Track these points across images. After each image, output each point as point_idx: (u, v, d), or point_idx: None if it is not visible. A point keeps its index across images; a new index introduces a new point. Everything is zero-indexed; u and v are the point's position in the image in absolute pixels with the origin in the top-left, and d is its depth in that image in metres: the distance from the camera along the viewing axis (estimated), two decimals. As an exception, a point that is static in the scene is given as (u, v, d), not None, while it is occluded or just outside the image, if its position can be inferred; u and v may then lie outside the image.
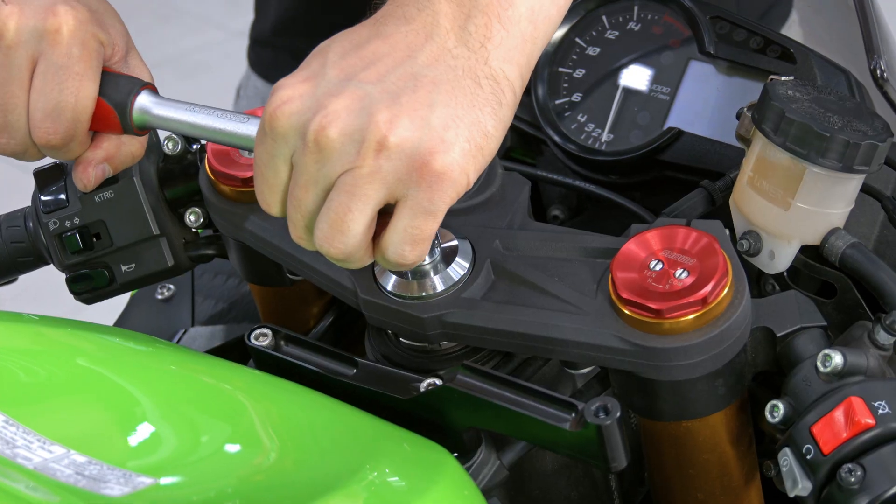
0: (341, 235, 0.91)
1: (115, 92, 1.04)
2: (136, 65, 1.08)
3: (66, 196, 1.11)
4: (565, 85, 1.25)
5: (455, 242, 1.01)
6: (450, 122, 0.90)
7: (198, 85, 3.64)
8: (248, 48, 1.80)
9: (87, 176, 1.06)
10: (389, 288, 1.00)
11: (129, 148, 1.08)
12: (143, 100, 1.04)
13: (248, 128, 0.99)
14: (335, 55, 0.92)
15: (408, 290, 1.00)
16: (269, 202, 0.94)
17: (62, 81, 1.02)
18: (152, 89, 1.05)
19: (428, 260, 0.99)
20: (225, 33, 3.88)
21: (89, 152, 1.06)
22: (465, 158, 0.90)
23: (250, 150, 0.99)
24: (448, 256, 1.00)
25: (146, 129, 1.05)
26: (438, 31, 0.92)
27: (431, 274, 0.99)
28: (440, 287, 0.99)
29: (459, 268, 1.00)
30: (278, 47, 1.72)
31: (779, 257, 1.04)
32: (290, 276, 1.13)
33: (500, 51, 0.93)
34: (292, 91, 0.91)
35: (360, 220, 0.91)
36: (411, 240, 0.91)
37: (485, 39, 0.92)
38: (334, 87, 0.90)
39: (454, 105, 0.90)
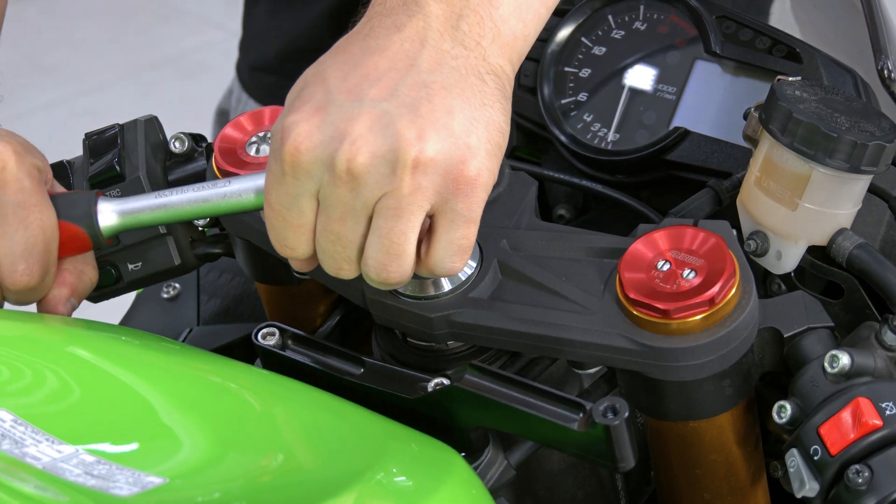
0: (398, 259, 0.91)
1: (75, 209, 1.02)
2: (57, 183, 1.06)
3: (72, 195, 1.11)
4: (571, 84, 1.25)
5: None
6: (470, 125, 0.90)
7: (198, 85, 3.64)
8: (246, 74, 1.76)
9: (59, 314, 1.04)
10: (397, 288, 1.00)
11: (87, 275, 1.06)
12: (106, 207, 1.01)
13: (242, 185, 0.97)
14: (336, 79, 0.91)
15: (415, 289, 1.00)
16: (296, 244, 0.92)
17: (24, 218, 0.99)
18: (103, 195, 1.03)
19: None
20: (225, 33, 3.87)
21: (55, 290, 1.04)
22: (490, 159, 0.90)
23: (256, 208, 0.97)
24: None
25: (115, 235, 1.02)
26: (432, 34, 0.92)
27: None
28: (447, 287, 0.99)
29: (467, 267, 1.00)
30: (283, 73, 1.71)
31: (786, 258, 1.04)
32: (297, 275, 1.13)
33: (494, 47, 0.93)
34: (308, 125, 0.89)
35: (412, 241, 0.91)
36: (458, 250, 0.92)
37: (479, 37, 0.92)
38: (349, 111, 0.89)
39: (469, 107, 0.90)
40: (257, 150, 1.07)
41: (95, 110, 3.60)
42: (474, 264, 1.00)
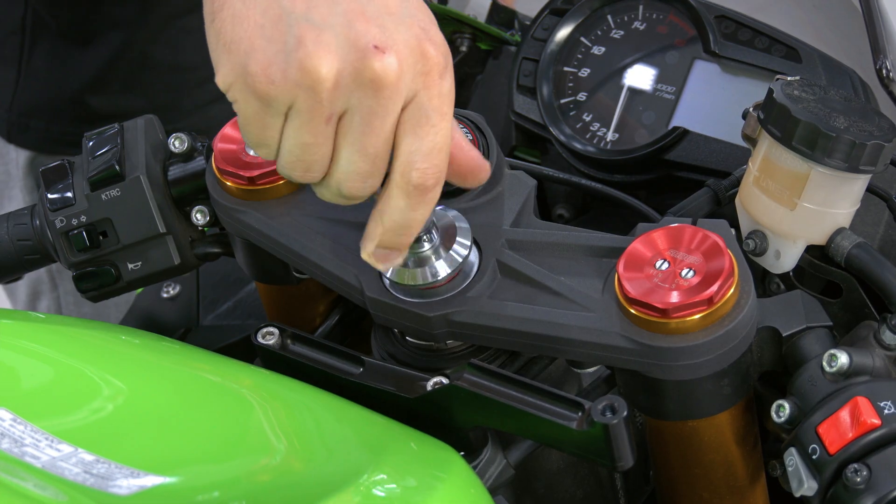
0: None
1: None
2: None
3: (73, 194, 1.11)
4: (570, 84, 1.25)
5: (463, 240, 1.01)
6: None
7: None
8: (13, 120, 1.72)
9: None
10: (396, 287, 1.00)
11: None
12: None
13: None
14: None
15: (413, 279, 1.00)
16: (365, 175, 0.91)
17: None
18: None
19: (427, 246, 0.99)
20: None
21: None
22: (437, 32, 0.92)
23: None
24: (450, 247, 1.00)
25: None
26: None
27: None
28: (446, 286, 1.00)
29: (467, 267, 1.00)
30: (59, 117, 1.69)
31: (784, 257, 1.04)
32: (297, 275, 1.13)
33: None
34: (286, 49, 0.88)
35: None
36: (430, 152, 0.92)
37: None
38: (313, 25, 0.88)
39: None
40: (257, 150, 1.07)
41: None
42: (473, 264, 1.00)
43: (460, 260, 0.99)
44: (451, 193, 1.02)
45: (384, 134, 0.90)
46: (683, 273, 0.94)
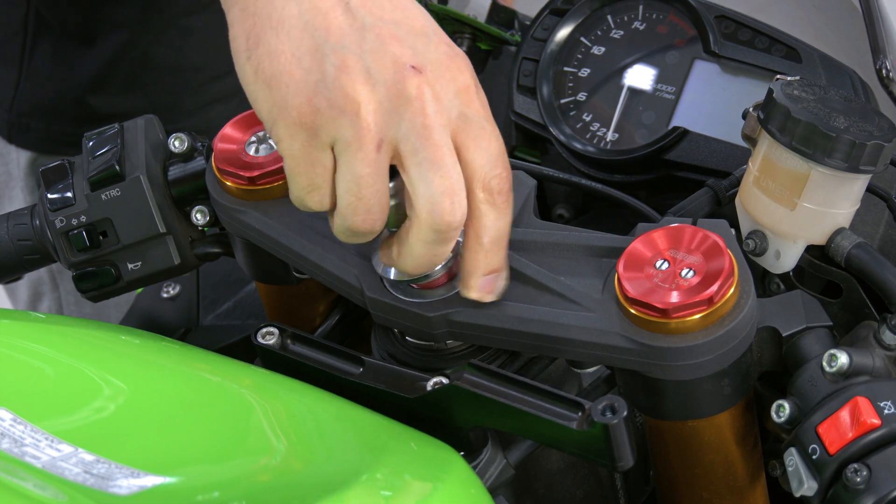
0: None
1: None
2: None
3: (73, 194, 1.11)
4: (570, 84, 1.25)
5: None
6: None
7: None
8: (13, 121, 1.71)
9: None
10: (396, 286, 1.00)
11: None
12: None
13: None
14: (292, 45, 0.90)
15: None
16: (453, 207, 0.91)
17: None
18: None
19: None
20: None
21: None
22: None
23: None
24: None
25: None
26: None
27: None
28: (446, 286, 1.00)
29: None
30: (61, 118, 1.69)
31: (784, 257, 1.04)
32: (297, 275, 1.13)
33: None
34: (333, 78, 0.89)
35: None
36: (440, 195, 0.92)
37: None
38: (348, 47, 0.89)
39: None
40: (256, 150, 1.07)
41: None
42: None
43: (452, 255, 0.99)
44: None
45: (447, 146, 0.90)
46: (683, 273, 0.94)
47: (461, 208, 0.91)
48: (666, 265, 0.95)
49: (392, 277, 0.98)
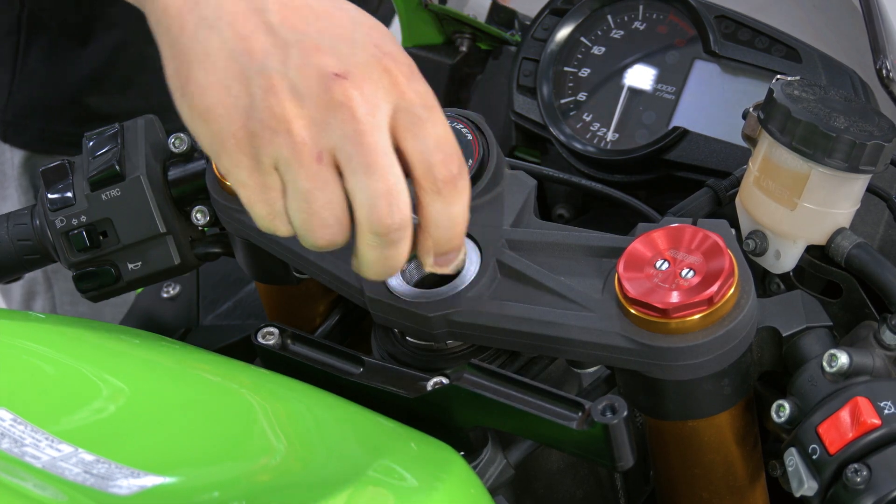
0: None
1: None
2: None
3: (73, 194, 1.11)
4: (570, 84, 1.25)
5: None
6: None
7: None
8: (8, 121, 1.71)
9: None
10: (395, 286, 1.00)
11: None
12: None
13: None
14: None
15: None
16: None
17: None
18: None
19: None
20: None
21: None
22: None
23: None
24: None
25: None
26: None
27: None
28: (446, 286, 1.00)
29: (467, 267, 1.00)
30: (58, 118, 1.69)
31: (784, 257, 1.04)
32: (297, 275, 1.13)
33: None
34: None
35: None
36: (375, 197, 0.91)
37: None
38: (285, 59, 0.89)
39: None
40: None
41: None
42: (473, 264, 1.00)
43: (468, 280, 0.99)
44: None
45: (381, 147, 0.89)
46: (683, 273, 0.94)
47: (400, 209, 0.90)
48: (666, 265, 0.95)
49: (394, 284, 0.99)
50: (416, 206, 0.91)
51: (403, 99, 0.90)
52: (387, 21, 1.84)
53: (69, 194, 1.11)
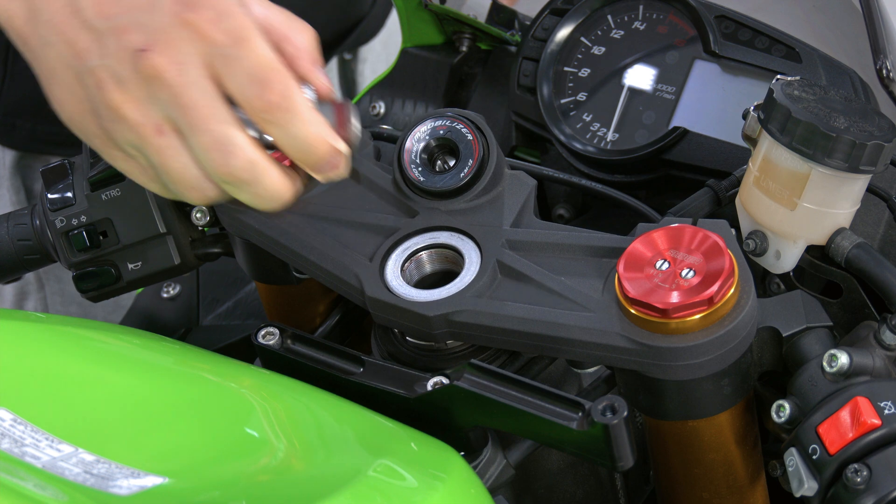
0: None
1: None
2: None
3: (73, 194, 1.11)
4: (570, 84, 1.25)
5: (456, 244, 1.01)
6: None
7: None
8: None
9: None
10: (395, 286, 1.00)
11: None
12: None
13: None
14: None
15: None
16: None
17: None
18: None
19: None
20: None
21: None
22: None
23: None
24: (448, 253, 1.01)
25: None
26: None
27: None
28: (447, 286, 1.00)
29: (467, 268, 1.00)
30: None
31: (784, 257, 1.04)
32: (297, 275, 1.13)
33: None
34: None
35: None
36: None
37: None
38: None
39: None
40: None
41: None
42: (473, 264, 1.00)
43: (469, 280, 1.00)
44: (449, 194, 1.03)
45: (203, 101, 0.93)
46: (683, 273, 0.94)
47: (235, 153, 0.94)
48: (666, 265, 0.95)
49: None
50: None
51: (211, 45, 0.93)
52: (380, 20, 1.83)
53: (69, 194, 1.11)
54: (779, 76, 1.03)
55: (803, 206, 1.01)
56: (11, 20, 0.97)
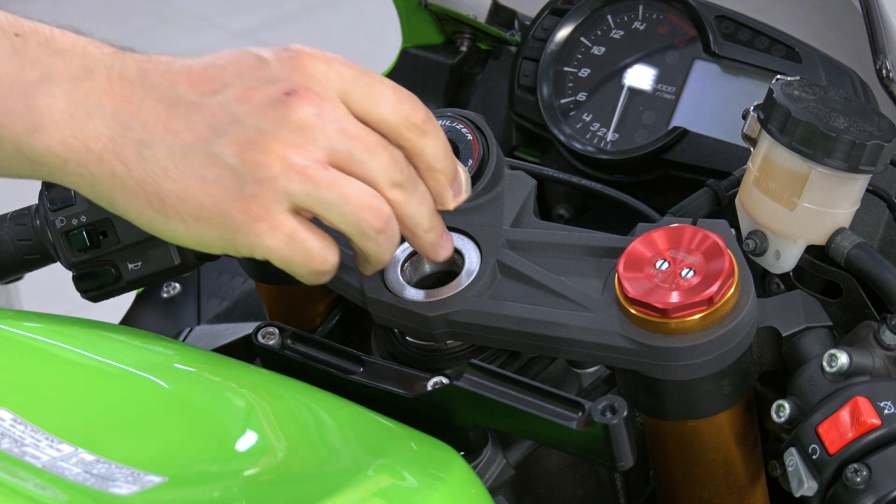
0: None
1: None
2: None
3: (73, 194, 1.11)
4: (570, 84, 1.25)
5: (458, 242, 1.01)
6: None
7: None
8: None
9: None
10: (395, 286, 1.00)
11: None
12: None
13: None
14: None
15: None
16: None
17: None
18: None
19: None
20: (225, 33, 3.87)
21: None
22: None
23: None
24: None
25: None
26: None
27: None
28: (446, 286, 1.00)
29: (466, 269, 1.00)
30: None
31: (784, 257, 1.04)
32: (297, 275, 1.13)
33: None
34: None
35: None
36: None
37: None
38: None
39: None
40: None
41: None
42: (473, 264, 1.00)
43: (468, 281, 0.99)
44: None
45: (359, 123, 0.91)
46: (683, 273, 0.95)
47: (383, 212, 0.91)
48: (666, 265, 0.95)
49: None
50: None
51: (352, 82, 0.91)
52: None
53: (69, 194, 1.11)
54: (779, 76, 1.03)
55: (803, 206, 1.01)
56: (88, 143, 0.90)
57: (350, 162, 0.90)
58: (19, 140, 0.90)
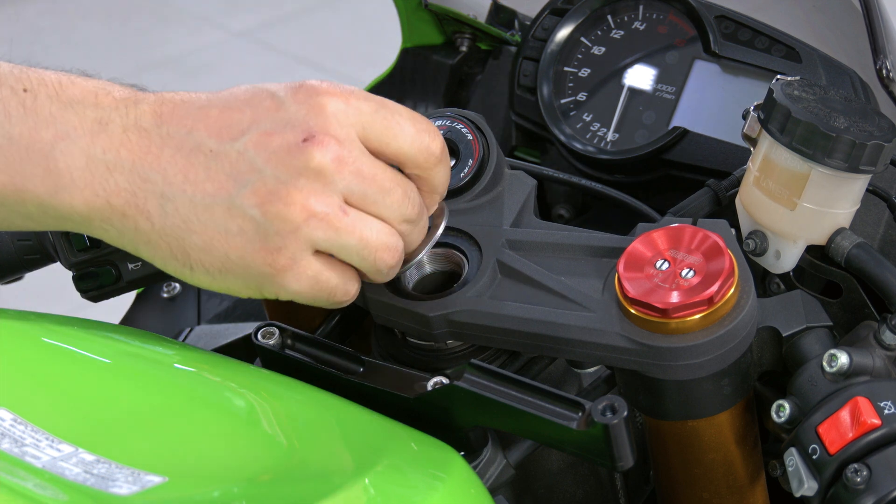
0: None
1: None
2: None
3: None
4: (570, 84, 1.25)
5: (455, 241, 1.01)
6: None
7: (198, 85, 3.65)
8: None
9: None
10: (396, 286, 1.00)
11: None
12: None
13: None
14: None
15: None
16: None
17: None
18: None
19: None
20: (225, 33, 3.88)
21: None
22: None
23: None
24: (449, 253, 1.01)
25: None
26: None
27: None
28: (447, 286, 1.00)
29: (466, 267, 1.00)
30: None
31: (784, 257, 1.04)
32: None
33: None
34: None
35: None
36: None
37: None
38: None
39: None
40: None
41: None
42: (473, 264, 1.00)
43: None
44: (449, 193, 1.03)
45: (376, 162, 0.92)
46: (683, 273, 0.95)
47: (398, 248, 0.94)
48: (666, 265, 0.95)
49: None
50: None
51: (370, 115, 0.91)
52: None
53: (69, 194, 1.11)
54: (779, 76, 1.03)
55: (803, 206, 1.01)
56: (110, 199, 0.90)
57: (365, 202, 0.91)
58: (42, 201, 0.91)
